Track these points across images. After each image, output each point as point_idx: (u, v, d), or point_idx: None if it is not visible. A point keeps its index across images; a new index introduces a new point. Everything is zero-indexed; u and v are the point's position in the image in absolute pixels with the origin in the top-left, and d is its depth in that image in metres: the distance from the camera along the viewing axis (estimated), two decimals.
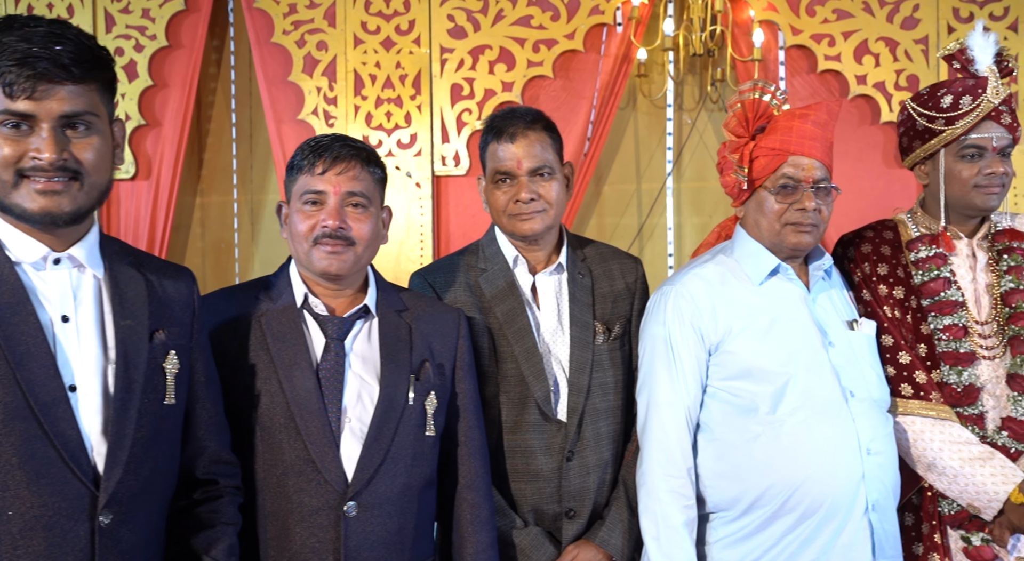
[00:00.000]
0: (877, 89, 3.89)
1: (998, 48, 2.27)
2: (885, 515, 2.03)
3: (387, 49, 3.92)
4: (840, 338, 2.06)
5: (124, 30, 3.91)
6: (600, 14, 3.92)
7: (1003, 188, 2.20)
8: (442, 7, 3.92)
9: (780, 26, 3.91)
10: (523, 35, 3.92)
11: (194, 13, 3.95)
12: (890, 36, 3.89)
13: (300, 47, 3.92)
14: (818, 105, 2.13)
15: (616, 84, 3.94)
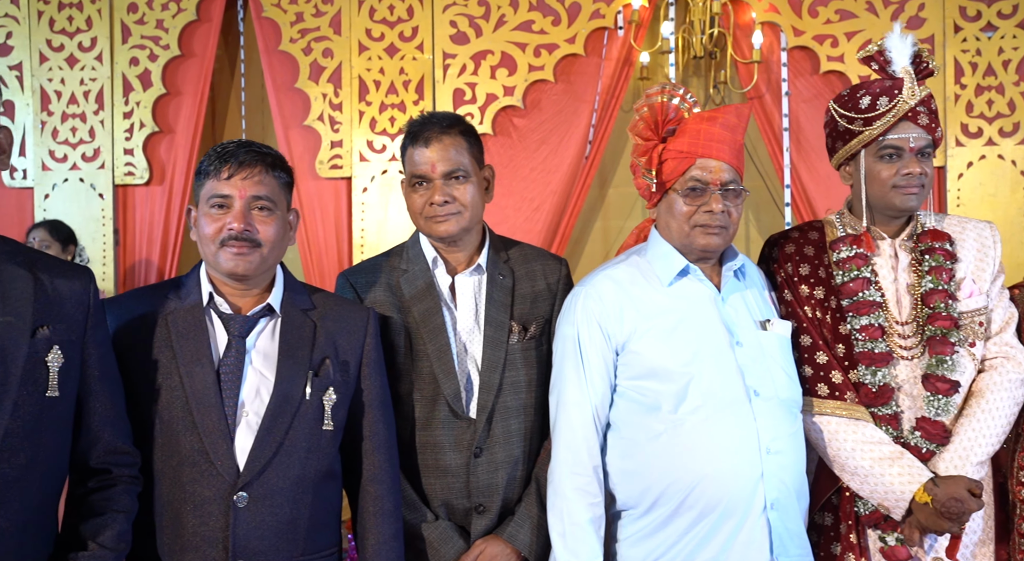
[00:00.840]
0: None
1: (915, 50, 2.23)
2: (787, 514, 2.00)
3: (391, 55, 3.97)
4: (749, 338, 2.03)
5: (139, 40, 4.01)
6: (601, 18, 3.91)
7: (923, 188, 2.16)
8: (444, 13, 3.96)
9: (782, 27, 3.87)
10: (524, 40, 3.93)
11: (206, 23, 4.03)
12: None
13: (307, 54, 3.98)
14: (727, 108, 2.11)
15: (617, 87, 3.93)
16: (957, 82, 3.81)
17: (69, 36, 4.03)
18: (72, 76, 4.03)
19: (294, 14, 3.98)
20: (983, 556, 2.17)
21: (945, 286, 2.15)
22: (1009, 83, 3.79)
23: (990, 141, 3.80)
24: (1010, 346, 2.18)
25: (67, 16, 4.03)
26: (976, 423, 2.10)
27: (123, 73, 4.01)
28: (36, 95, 4.04)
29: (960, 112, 3.81)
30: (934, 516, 2.00)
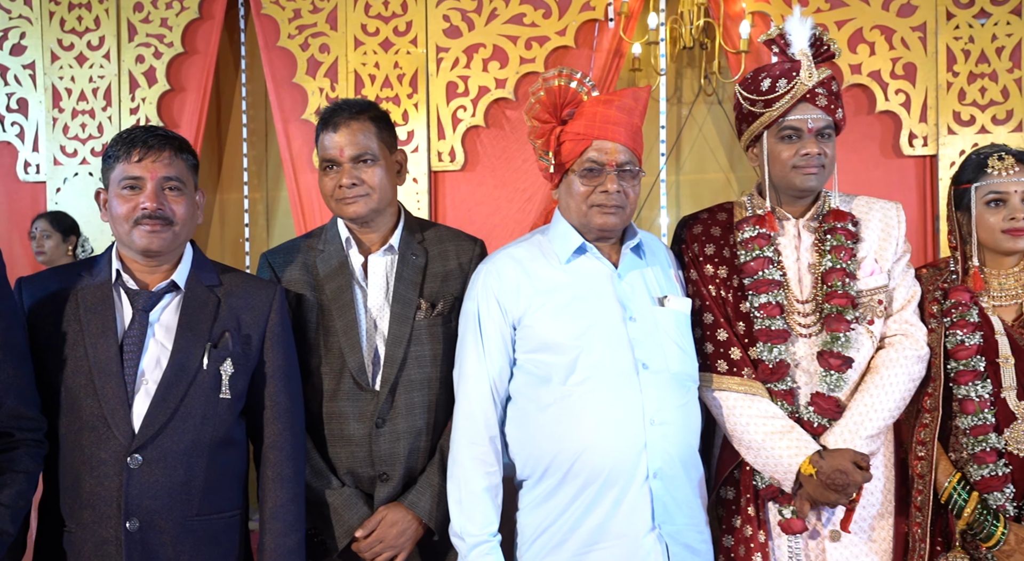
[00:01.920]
0: (872, 78, 3.78)
1: (814, 32, 2.24)
2: (672, 483, 2.02)
3: (385, 50, 4.01)
4: (643, 313, 2.06)
5: (145, 38, 4.10)
6: (591, 10, 3.91)
7: (822, 169, 2.16)
8: (438, 8, 3.99)
9: (772, 17, 3.84)
10: (516, 33, 3.95)
11: (208, 21, 4.11)
12: (886, 24, 3.77)
13: (304, 50, 4.04)
14: (624, 91, 2.14)
15: (608, 79, 3.93)
16: (949, 70, 3.75)
17: (79, 35, 4.13)
18: (82, 74, 4.14)
19: (292, 11, 4.04)
20: (881, 528, 2.18)
21: (844, 265, 2.16)
22: (1003, 70, 3.72)
23: (983, 129, 3.73)
24: (910, 324, 2.19)
25: (77, 16, 4.13)
26: (868, 398, 2.12)
27: (129, 70, 4.11)
28: (48, 93, 4.16)
29: (952, 100, 3.75)
30: (820, 488, 2.03)
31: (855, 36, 3.78)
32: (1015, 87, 3.70)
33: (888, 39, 3.77)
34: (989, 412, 2.15)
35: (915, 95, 3.76)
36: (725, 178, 4.16)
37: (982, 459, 2.13)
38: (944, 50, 3.75)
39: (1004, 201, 2.19)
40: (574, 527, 2.00)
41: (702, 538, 2.09)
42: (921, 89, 3.76)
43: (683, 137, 4.19)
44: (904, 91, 3.76)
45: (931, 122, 3.75)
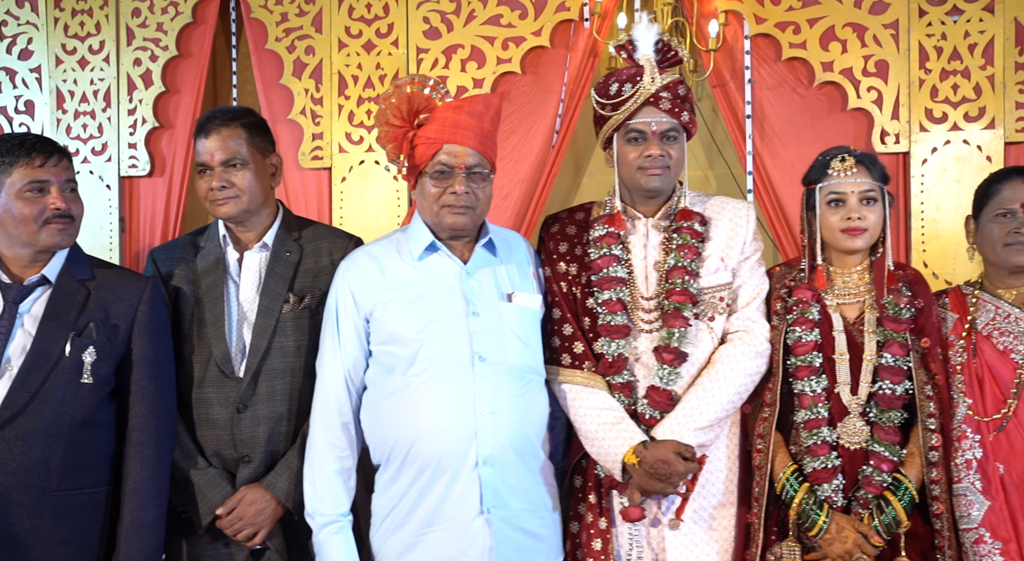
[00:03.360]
0: (844, 75, 3.74)
1: (659, 38, 2.28)
2: (505, 470, 2.11)
3: (368, 51, 4.08)
4: (488, 309, 2.15)
5: (142, 42, 4.21)
6: (566, 10, 3.92)
7: (667, 170, 2.22)
8: (418, 10, 4.04)
9: (744, 15, 3.82)
10: (493, 34, 3.99)
11: (201, 25, 4.21)
12: (858, 21, 3.73)
13: (291, 52, 4.12)
14: (475, 97, 2.23)
15: (583, 78, 3.94)
16: (922, 67, 3.69)
17: (81, 40, 4.28)
18: (83, 77, 4.28)
19: (279, 14, 4.13)
20: (723, 518, 2.24)
21: (686, 263, 2.21)
22: (975, 67, 3.66)
23: (955, 126, 3.67)
24: (751, 320, 2.24)
25: (79, 22, 4.27)
26: (700, 392, 2.16)
27: (128, 73, 4.24)
28: (52, 95, 4.31)
29: (924, 97, 3.70)
30: (645, 477, 2.09)
31: (827, 34, 3.75)
32: (987, 84, 3.64)
33: (860, 36, 3.73)
34: (823, 407, 2.18)
35: (887, 92, 3.72)
36: (703, 175, 4.15)
37: (815, 452, 2.16)
38: (916, 47, 3.70)
39: (843, 201, 2.23)
40: (412, 510, 2.10)
41: (544, 524, 2.16)
42: (893, 86, 3.71)
43: None
44: (876, 88, 3.72)
45: (903, 119, 3.71)
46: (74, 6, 4.27)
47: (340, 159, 4.07)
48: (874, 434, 2.16)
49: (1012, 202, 2.22)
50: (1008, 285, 2.27)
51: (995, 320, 2.24)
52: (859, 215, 2.21)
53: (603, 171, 4.19)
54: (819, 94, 3.79)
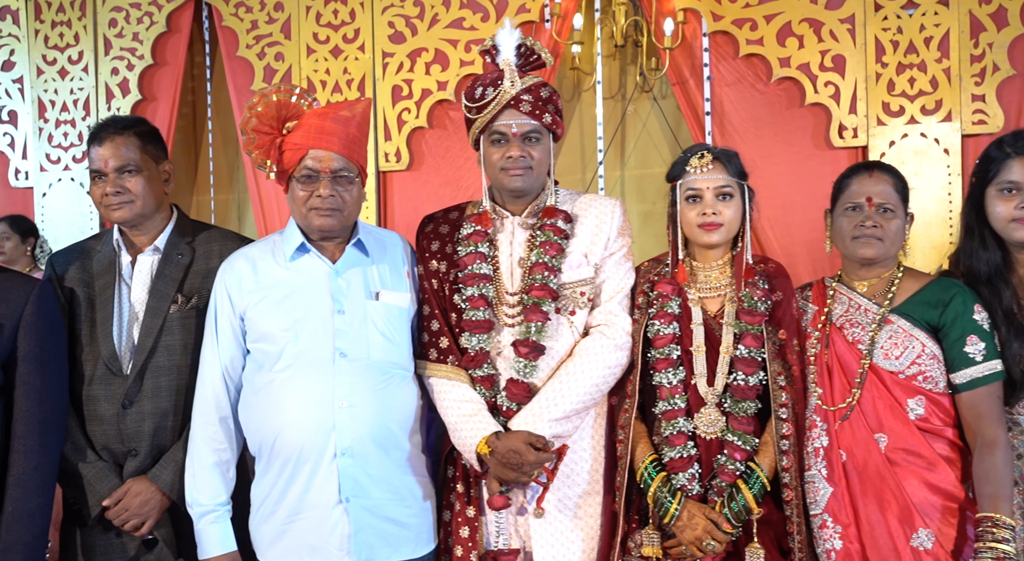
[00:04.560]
0: (801, 71, 3.72)
1: (520, 42, 2.29)
2: (365, 461, 2.15)
3: (335, 57, 4.12)
4: (354, 307, 2.19)
5: (119, 52, 4.28)
6: (527, 12, 3.94)
7: (529, 170, 2.24)
8: (383, 15, 4.07)
9: (702, 13, 3.81)
10: (456, 36, 4.01)
11: (176, 34, 4.27)
12: (814, 17, 3.70)
13: (261, 59, 4.17)
14: (340, 103, 2.27)
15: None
16: (878, 61, 3.67)
17: (60, 51, 4.35)
18: (64, 86, 4.36)
19: (250, 22, 4.18)
20: (589, 506, 2.26)
21: (546, 259, 2.23)
22: (931, 61, 3.62)
23: (912, 120, 3.64)
24: (613, 314, 2.25)
25: (59, 33, 4.35)
26: (557, 384, 2.18)
27: (106, 82, 4.31)
28: (35, 105, 4.39)
29: (881, 91, 3.67)
30: (499, 466, 2.12)
31: (784, 30, 3.73)
32: (943, 77, 3.61)
33: (817, 32, 3.71)
34: (680, 398, 2.19)
35: (844, 87, 3.69)
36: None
37: (672, 441, 2.18)
38: (873, 41, 3.67)
39: (700, 197, 2.24)
40: (280, 499, 2.16)
41: (411, 513, 2.20)
42: (850, 81, 3.69)
43: (627, 133, 4.20)
44: (833, 83, 3.70)
45: (861, 113, 3.68)
46: (54, 18, 4.34)
47: None
48: (729, 424, 2.17)
49: (859, 196, 2.22)
50: (860, 277, 2.27)
51: (848, 312, 2.24)
52: (714, 210, 2.22)
53: (572, 171, 4.21)
54: (777, 90, 3.78)
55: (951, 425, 2.13)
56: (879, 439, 2.12)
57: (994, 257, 2.20)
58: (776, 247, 3.76)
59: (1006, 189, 2.17)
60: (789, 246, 3.76)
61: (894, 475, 2.10)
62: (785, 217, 3.76)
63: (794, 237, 3.75)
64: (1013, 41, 3.52)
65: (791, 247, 3.76)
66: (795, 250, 3.76)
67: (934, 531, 2.06)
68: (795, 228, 3.76)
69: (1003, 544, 1.97)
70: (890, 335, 2.16)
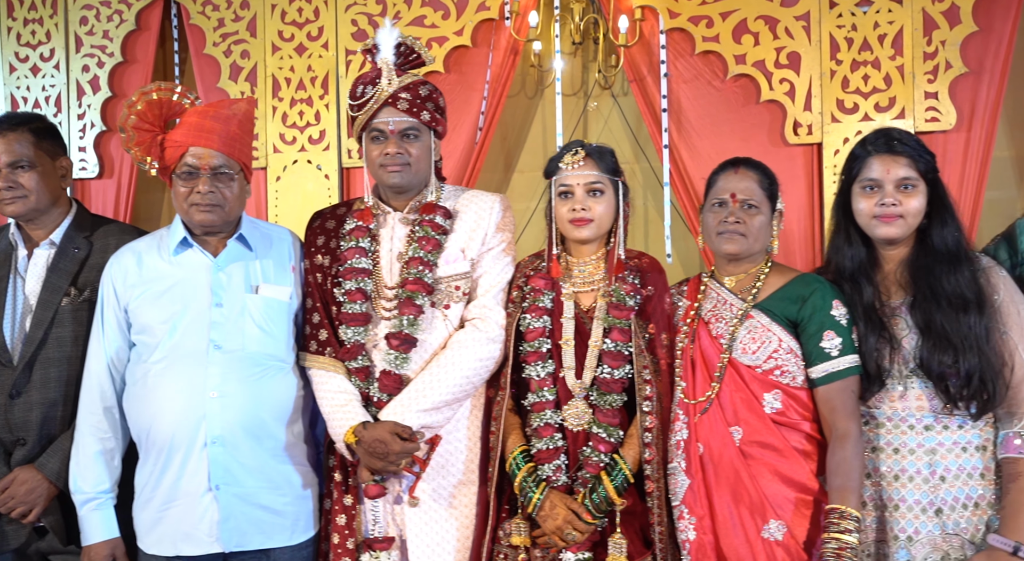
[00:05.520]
0: (757, 68, 3.71)
1: (399, 42, 2.31)
2: (237, 450, 2.21)
3: (300, 54, 4.12)
4: (232, 300, 2.24)
5: (89, 49, 4.30)
6: (487, 10, 3.93)
7: (407, 167, 2.28)
8: (347, 13, 4.08)
9: (659, 10, 3.81)
10: (417, 34, 3.96)
11: (145, 31, 4.28)
12: (770, 14, 3.68)
13: (227, 56, 4.18)
14: (222, 102, 2.30)
15: (505, 76, 3.95)
16: (833, 58, 3.64)
17: (32, 48, 4.37)
18: (36, 83, 4.39)
19: (216, 20, 4.19)
20: (464, 496, 2.29)
21: (423, 254, 2.26)
22: (885, 58, 3.60)
23: (866, 117, 3.62)
24: (487, 308, 2.28)
25: (31, 31, 4.37)
26: (428, 376, 2.21)
27: (77, 79, 4.34)
28: (7, 102, 4.40)
29: (836, 88, 3.65)
30: (366, 455, 2.16)
31: (739, 27, 3.71)
32: (897, 74, 3.58)
33: (772, 29, 3.69)
34: (549, 390, 2.22)
35: (799, 84, 3.68)
36: (630, 169, 4.13)
37: (540, 433, 2.20)
38: (827, 39, 3.65)
39: (571, 193, 2.26)
40: (156, 487, 2.21)
41: (287, 501, 2.24)
42: (805, 78, 3.67)
43: (589, 130, 4.19)
44: (788, 80, 3.68)
45: (815, 110, 3.66)
46: (26, 15, 4.36)
47: (274, 159, 4.13)
48: (595, 417, 2.20)
49: (724, 192, 2.24)
50: (728, 272, 2.29)
51: (715, 307, 2.26)
52: (583, 206, 2.25)
53: (533, 167, 4.21)
54: (733, 87, 3.76)
55: (809, 419, 2.14)
56: (734, 432, 2.14)
57: (859, 253, 2.22)
58: None
59: (868, 186, 2.19)
60: None
61: (748, 468, 2.11)
62: None
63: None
64: (966, 39, 3.50)
65: None
66: None
67: (786, 522, 2.08)
68: None
69: (846, 535, 1.98)
70: (749, 330, 2.17)
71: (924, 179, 2.15)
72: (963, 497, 2.06)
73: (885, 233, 2.15)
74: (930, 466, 2.07)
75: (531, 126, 4.19)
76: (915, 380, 2.09)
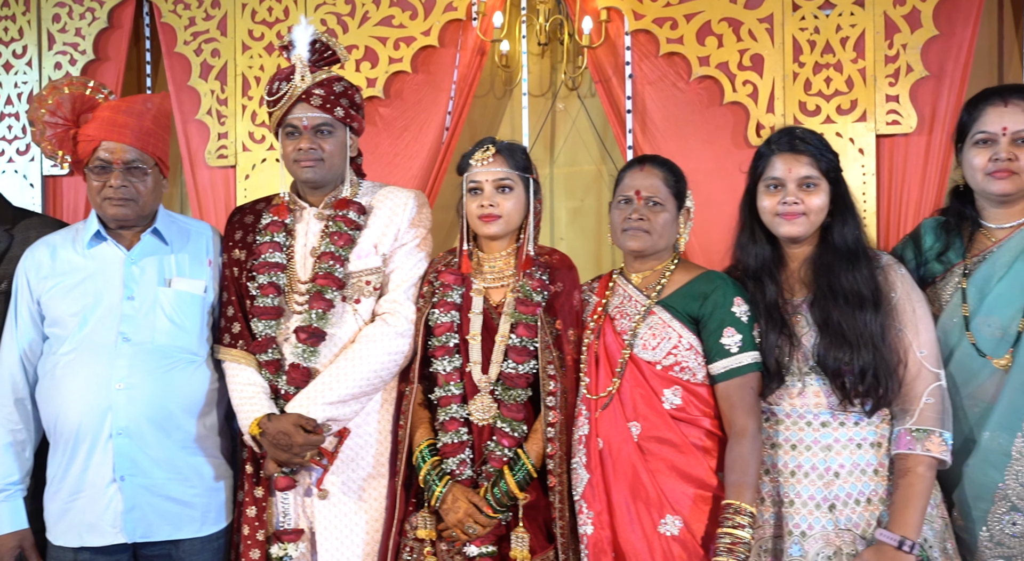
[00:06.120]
0: (720, 70, 3.70)
1: (314, 38, 2.33)
2: (143, 441, 2.22)
3: (269, 53, 4.10)
4: (144, 293, 2.25)
5: (62, 47, 4.29)
6: (454, 10, 3.93)
7: (320, 163, 2.30)
8: (316, 12, 4.07)
9: (624, 11, 3.81)
10: (385, 34, 4.01)
11: (117, 29, 4.28)
12: (733, 16, 3.68)
13: (198, 55, 4.18)
14: (136, 97, 2.33)
15: (472, 76, 3.94)
16: (795, 61, 3.64)
17: (5, 45, 4.37)
18: (8, 80, 4.38)
19: (188, 18, 4.19)
20: (373, 489, 2.31)
21: (335, 249, 2.28)
22: (847, 61, 3.59)
23: (828, 119, 3.61)
24: (397, 303, 2.29)
25: (3, 27, 4.35)
26: (335, 369, 2.23)
27: (49, 77, 4.32)
28: None
29: (798, 90, 3.64)
30: (271, 447, 2.17)
31: (703, 29, 3.71)
32: (859, 77, 3.58)
33: (736, 31, 3.69)
34: (455, 385, 2.23)
35: (762, 86, 3.67)
36: (597, 170, 4.14)
37: (446, 427, 2.21)
38: (790, 41, 3.64)
39: (481, 189, 2.27)
40: (63, 478, 2.22)
41: (196, 493, 2.26)
42: (768, 80, 3.67)
43: (557, 131, 4.19)
44: (752, 82, 3.68)
45: (778, 112, 3.66)
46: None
47: (244, 157, 4.12)
48: (500, 411, 2.21)
49: (629, 189, 2.25)
50: (635, 269, 2.30)
51: (621, 304, 2.27)
52: (491, 202, 2.26)
53: None
54: (698, 88, 3.76)
55: (710, 416, 2.15)
56: (632, 428, 2.15)
57: (763, 252, 2.22)
58: (695, 243, 3.75)
59: (771, 185, 2.20)
60: (708, 244, 3.74)
61: (645, 463, 2.12)
62: (705, 215, 3.68)
63: (712, 234, 3.72)
64: (926, 42, 3.49)
65: (710, 245, 3.73)
66: (714, 248, 3.71)
67: (683, 518, 2.08)
68: (714, 225, 3.70)
69: (739, 530, 1.99)
70: (650, 326, 2.18)
71: (826, 178, 2.16)
72: (856, 493, 2.07)
73: (788, 231, 2.16)
74: (825, 462, 2.08)
75: (500, 126, 4.18)
76: (813, 377, 2.09)
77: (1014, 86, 2.27)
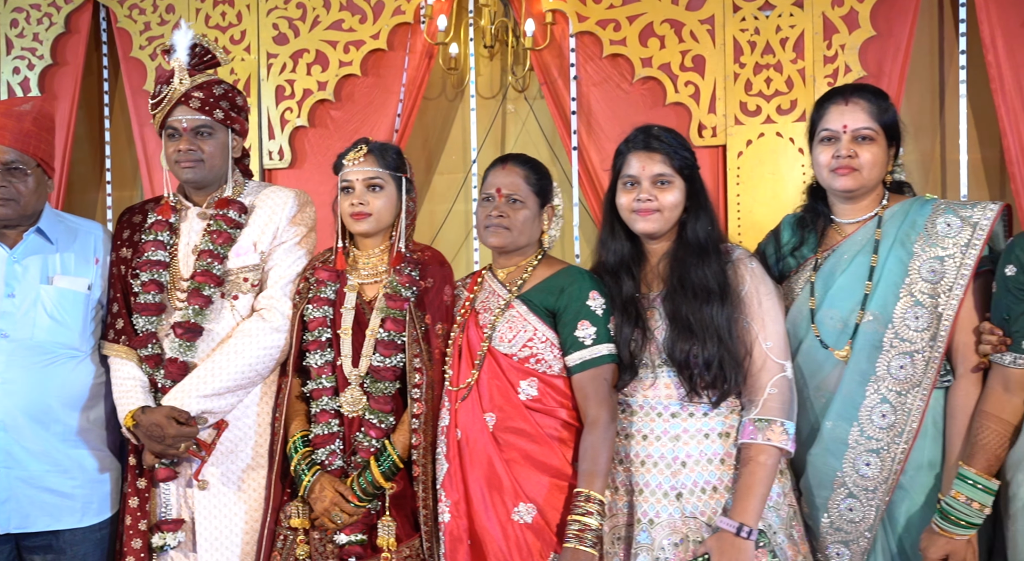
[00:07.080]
0: (663, 71, 3.71)
1: (195, 42, 2.37)
2: (21, 435, 2.26)
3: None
4: (26, 291, 2.29)
5: (20, 52, 4.31)
6: (402, 14, 3.93)
7: (200, 163, 2.35)
8: (268, 16, 4.08)
9: (568, 14, 3.81)
10: (336, 38, 4.01)
11: (75, 34, 4.29)
12: (675, 18, 3.68)
13: (153, 59, 4.18)
14: (16, 99, 2.42)
15: (420, 79, 3.95)
16: (736, 61, 3.64)
17: None
18: None
19: (143, 23, 4.20)
20: (252, 480, 2.36)
21: (213, 247, 2.32)
22: (787, 61, 3.59)
23: (768, 119, 3.62)
24: (274, 299, 2.34)
25: None
26: (211, 363, 2.27)
27: (8, 81, 4.34)
28: None
29: (739, 91, 3.64)
30: (146, 439, 2.22)
31: (646, 30, 3.71)
32: (799, 77, 3.58)
33: (678, 32, 3.69)
34: (327, 378, 2.27)
35: (704, 86, 3.67)
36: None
37: (318, 419, 2.24)
38: (731, 42, 3.65)
39: (352, 188, 2.31)
40: None
41: (76, 484, 2.30)
42: (710, 81, 3.67)
43: (508, 133, 4.20)
44: (693, 83, 3.68)
45: (720, 113, 3.66)
46: None
47: None
48: (369, 403, 2.24)
49: (491, 187, 2.28)
50: (501, 265, 2.34)
51: (486, 298, 2.30)
52: (361, 201, 2.29)
53: (453, 170, 4.22)
54: (641, 89, 3.76)
55: (568, 407, 2.18)
56: (488, 418, 2.18)
57: (622, 247, 2.24)
58: None
59: (628, 182, 2.22)
60: None
61: (500, 453, 2.15)
62: None
63: None
64: (863, 43, 3.49)
65: None
66: None
67: (538, 505, 2.12)
68: None
69: (588, 517, 2.02)
70: (508, 320, 2.21)
71: (680, 175, 2.17)
72: (702, 482, 2.08)
73: (643, 227, 2.18)
74: (673, 452, 2.09)
75: (451, 129, 4.20)
76: (665, 369, 2.11)
77: (857, 86, 2.32)
